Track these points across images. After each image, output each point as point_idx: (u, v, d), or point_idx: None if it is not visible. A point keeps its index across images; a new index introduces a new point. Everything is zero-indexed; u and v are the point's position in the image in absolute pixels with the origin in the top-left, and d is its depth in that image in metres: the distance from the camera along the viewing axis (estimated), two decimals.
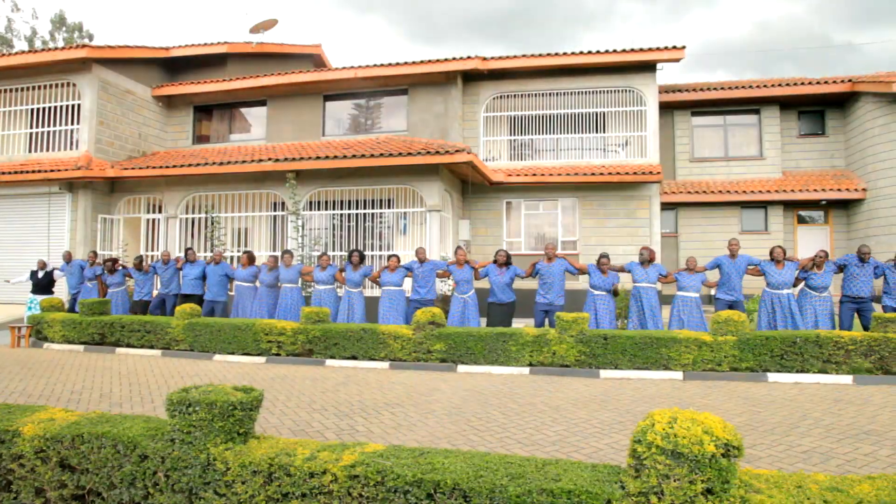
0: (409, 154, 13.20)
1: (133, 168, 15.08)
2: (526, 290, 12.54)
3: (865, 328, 9.43)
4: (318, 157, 13.76)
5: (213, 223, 14.87)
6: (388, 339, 9.36)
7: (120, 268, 12.62)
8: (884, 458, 4.79)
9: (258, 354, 9.94)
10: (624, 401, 6.89)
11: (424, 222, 14.22)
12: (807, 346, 8.15)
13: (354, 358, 9.53)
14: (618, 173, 15.55)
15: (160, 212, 15.94)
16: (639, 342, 8.50)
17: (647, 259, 9.95)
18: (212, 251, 13.92)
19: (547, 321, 10.23)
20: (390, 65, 16.18)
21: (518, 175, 16.11)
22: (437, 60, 16.05)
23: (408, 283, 11.24)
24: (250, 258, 11.77)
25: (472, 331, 9.15)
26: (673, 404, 6.69)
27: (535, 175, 15.98)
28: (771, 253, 9.70)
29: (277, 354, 9.85)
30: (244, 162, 14.23)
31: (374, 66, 16.28)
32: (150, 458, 3.50)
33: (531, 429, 5.67)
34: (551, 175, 15.87)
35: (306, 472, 3.16)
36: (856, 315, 9.68)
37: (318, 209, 15.10)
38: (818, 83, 18.61)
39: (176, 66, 18.63)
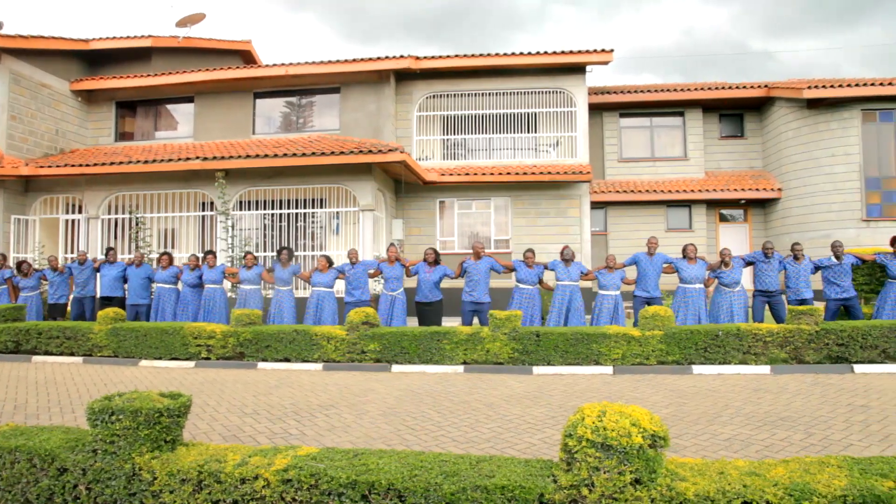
0: (342, 153, 13.09)
1: (50, 166, 14.37)
2: (453, 288, 12.63)
3: (778, 320, 9.93)
4: (247, 156, 13.47)
5: (137, 224, 14.34)
6: (321, 340, 9.26)
7: (35, 271, 12.00)
8: (797, 442, 5.06)
9: (187, 359, 9.65)
10: (556, 396, 7.03)
11: (357, 222, 14.13)
12: (728, 339, 8.52)
13: (287, 360, 9.38)
14: (549, 173, 15.84)
15: (80, 212, 15.25)
16: (570, 338, 8.70)
17: (569, 258, 10.17)
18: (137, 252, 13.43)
19: (476, 319, 10.36)
20: (322, 62, 15.99)
21: (451, 174, 16.20)
22: (370, 59, 15.96)
23: (339, 285, 11.15)
24: (170, 259, 11.40)
25: (406, 330, 9.16)
26: (604, 398, 6.88)
27: (468, 174, 16.11)
28: (684, 250, 10.09)
29: (207, 358, 9.60)
30: (170, 160, 13.78)
31: (306, 63, 16.06)
32: (70, 471, 3.36)
33: (466, 427, 5.73)
34: (484, 174, 16.03)
35: (237, 479, 3.11)
36: (767, 307, 10.18)
37: (249, 209, 14.78)
38: (737, 88, 19.49)
39: (96, 59, 17.85)
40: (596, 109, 19.71)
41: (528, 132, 17.29)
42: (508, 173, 15.96)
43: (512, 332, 8.84)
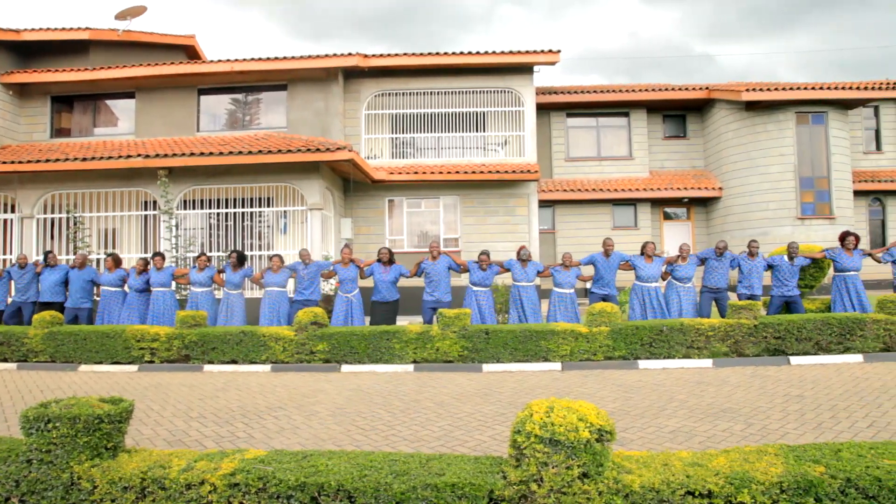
0: (289, 151, 12.91)
1: None
2: (413, 287, 12.63)
3: (723, 315, 10.23)
4: (192, 154, 13.15)
5: (75, 224, 13.83)
6: (269, 341, 9.12)
7: None
8: (738, 432, 5.23)
9: (130, 363, 9.37)
10: (506, 393, 7.09)
11: (305, 221, 13.97)
12: (672, 334, 8.74)
13: (234, 362, 9.21)
14: (497, 172, 15.97)
15: (13, 211, 14.63)
16: (519, 335, 8.79)
17: (526, 258, 10.27)
18: (75, 254, 12.95)
19: (436, 319, 10.36)
20: (269, 59, 15.74)
21: (400, 173, 16.17)
22: (318, 56, 15.80)
23: (290, 284, 11.00)
24: (116, 261, 11.01)
25: (356, 330, 9.10)
26: (552, 394, 6.97)
27: (416, 173, 16.11)
28: (643, 248, 10.31)
29: (151, 362, 9.34)
30: (110, 158, 13.34)
31: (252, 59, 15.78)
32: (2, 483, 3.22)
33: (416, 425, 5.73)
34: (433, 173, 16.05)
35: (182, 484, 3.04)
36: (714, 303, 10.49)
37: (194, 208, 14.43)
38: (680, 89, 20.02)
39: (30, 51, 17.15)
40: (543, 109, 19.97)
41: (477, 131, 17.40)
42: (457, 172, 16.02)
43: (461, 330, 8.88)
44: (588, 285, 10.56)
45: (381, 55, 16.34)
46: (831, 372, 7.81)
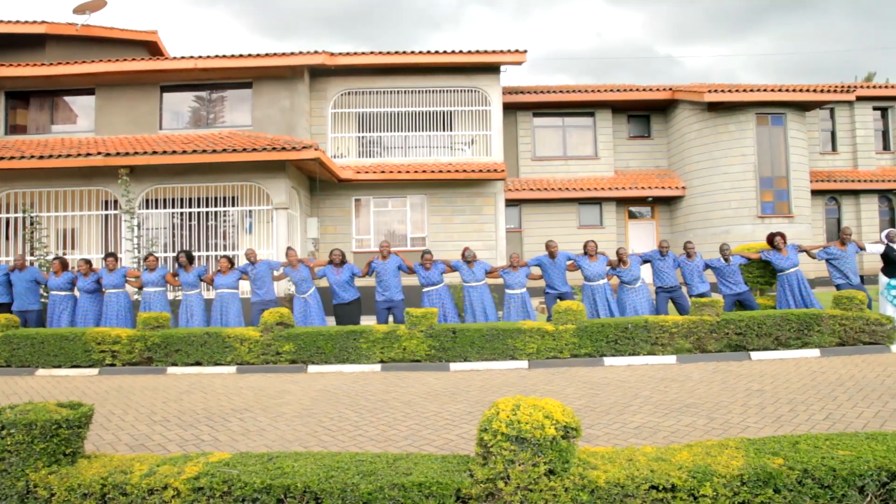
0: (254, 150, 12.76)
1: None
2: (372, 287, 12.59)
3: (682, 312, 10.41)
4: (154, 152, 12.90)
5: (32, 224, 13.46)
6: (234, 342, 9.01)
7: None
8: (701, 427, 5.33)
9: (90, 366, 9.16)
10: (473, 392, 7.12)
11: (271, 220, 13.82)
12: (637, 331, 8.86)
13: (199, 364, 9.07)
14: (464, 171, 16.00)
15: None
16: (486, 334, 8.82)
17: (470, 259, 10.30)
18: (32, 254, 12.62)
19: (391, 318, 10.37)
20: (233, 56, 15.52)
21: (367, 172, 16.10)
22: (283, 54, 15.63)
23: (246, 286, 10.90)
24: (63, 264, 10.67)
25: (322, 330, 9.04)
26: (519, 392, 7.02)
27: (383, 172, 16.06)
28: (585, 247, 10.43)
29: (112, 365, 9.14)
30: (69, 156, 13.01)
31: (217, 56, 15.54)
32: None
33: (384, 425, 5.71)
34: (400, 172, 16.02)
35: (144, 490, 2.98)
36: (670, 302, 10.66)
37: (156, 207, 14.17)
38: (644, 90, 20.31)
39: None
40: (510, 109, 20.06)
41: (444, 130, 17.41)
42: (424, 171, 16.01)
43: (429, 329, 8.88)
44: (542, 282, 10.65)
45: (348, 53, 16.24)
46: (790, 366, 8.01)
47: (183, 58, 15.64)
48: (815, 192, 20.24)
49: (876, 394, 6.32)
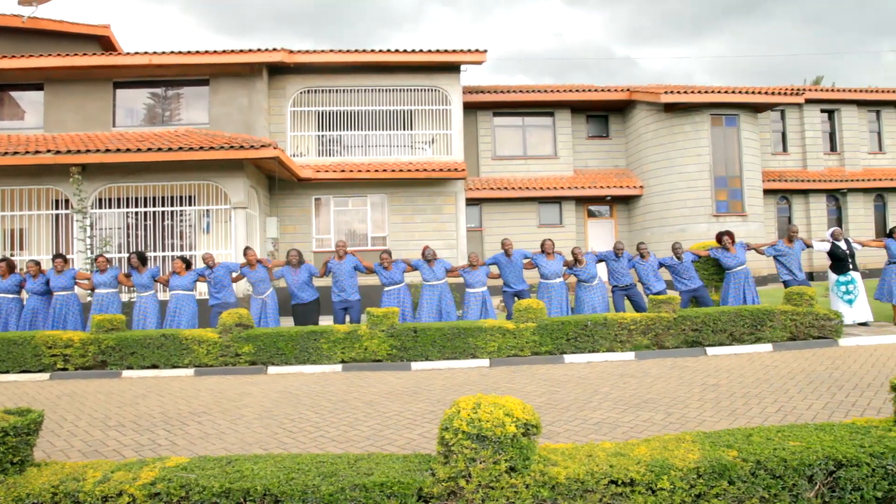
0: (212, 148, 12.54)
1: None
2: (330, 288, 12.50)
3: (639, 309, 10.59)
4: (107, 150, 12.57)
5: None
6: (192, 344, 8.84)
7: None
8: (659, 422, 5.43)
9: (40, 371, 8.88)
10: (435, 391, 7.12)
11: (229, 220, 13.60)
12: (597, 329, 8.98)
13: (155, 367, 8.88)
14: (425, 170, 15.99)
15: None
16: (447, 333, 8.84)
17: (431, 258, 10.33)
18: None
19: (348, 318, 10.33)
20: (190, 53, 15.22)
21: (327, 171, 15.98)
22: (241, 51, 15.40)
23: (203, 287, 10.71)
24: (10, 266, 10.33)
25: (282, 331, 8.94)
26: (480, 390, 7.05)
27: (344, 171, 15.96)
28: (542, 246, 10.54)
29: (64, 369, 8.88)
30: (16, 153, 12.59)
31: (172, 53, 15.22)
32: None
33: (345, 426, 5.68)
34: (360, 171, 15.94)
35: (98, 497, 2.91)
36: (626, 300, 10.85)
37: (110, 207, 13.80)
38: (603, 91, 20.57)
39: None
40: (470, 108, 20.14)
41: (405, 129, 17.38)
42: (385, 170, 15.96)
43: (390, 328, 8.86)
44: (500, 281, 10.74)
45: (307, 51, 16.08)
46: (744, 361, 8.21)
47: (137, 53, 15.28)
48: (767, 192, 20.81)
49: (825, 386, 6.53)
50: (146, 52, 15.19)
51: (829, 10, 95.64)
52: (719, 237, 10.80)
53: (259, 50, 15.44)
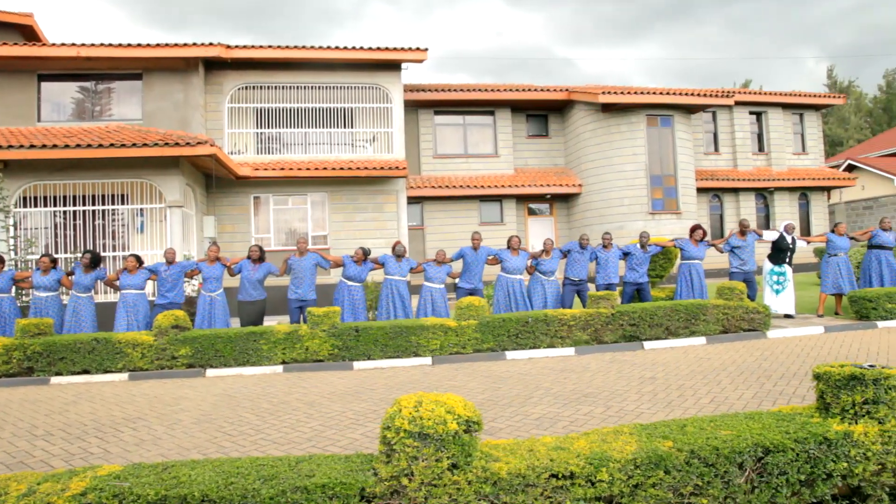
0: (145, 145, 12.14)
1: None
2: (281, 287, 12.30)
3: (585, 306, 10.79)
4: (31, 146, 12.02)
5: None
6: (125, 347, 8.54)
7: None
8: (598, 415, 5.54)
9: None
10: (378, 390, 7.09)
11: (165, 219, 13.20)
12: (537, 325, 9.11)
13: (87, 372, 8.54)
14: (366, 168, 15.90)
15: None
16: (389, 332, 8.81)
17: (401, 253, 10.32)
18: None
19: (302, 317, 10.19)
20: (121, 45, 14.68)
21: (266, 169, 15.69)
22: (176, 45, 14.95)
23: (150, 287, 10.35)
24: None
25: (220, 332, 8.74)
26: (424, 389, 7.05)
27: (283, 169, 15.70)
28: (508, 242, 10.67)
29: None
30: None
31: (102, 45, 14.65)
32: None
33: (286, 427, 5.60)
34: (300, 169, 15.71)
35: None
36: (576, 295, 11.04)
37: (35, 206, 13.19)
38: (542, 90, 20.86)
39: None
40: (412, 106, 20.12)
41: (345, 127, 17.23)
42: (325, 168, 15.78)
43: (331, 328, 8.77)
44: (456, 281, 10.79)
45: (245, 46, 15.75)
46: (679, 354, 8.47)
47: (64, 45, 14.64)
48: (700, 190, 21.52)
49: (754, 376, 6.80)
50: (74, 44, 14.58)
51: (754, 17, 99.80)
52: (694, 228, 11.11)
53: (195, 44, 15.03)
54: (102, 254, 12.99)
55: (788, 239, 11.18)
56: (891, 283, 11.07)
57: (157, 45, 14.82)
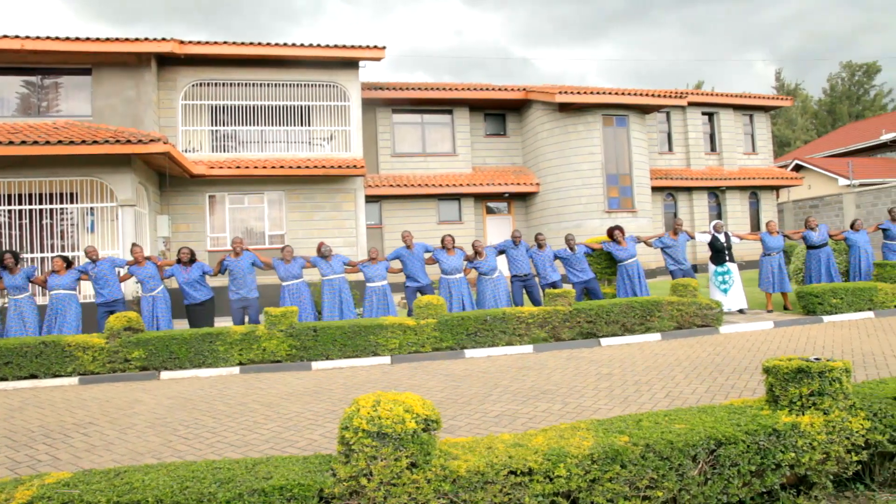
0: (95, 142, 11.80)
1: None
2: (226, 287, 12.10)
3: (535, 302, 10.91)
4: None
5: None
6: (75, 351, 8.30)
7: None
8: (556, 412, 5.61)
9: None
10: (337, 390, 7.05)
11: (116, 218, 12.86)
12: (496, 323, 9.16)
13: (35, 377, 8.27)
14: (323, 167, 15.75)
15: None
16: (348, 331, 8.76)
17: (327, 253, 10.24)
18: None
19: (246, 317, 10.07)
20: (69, 39, 14.23)
21: (221, 167, 15.42)
22: (127, 39, 14.57)
23: (87, 289, 10.09)
24: None
25: (175, 333, 8.56)
26: (382, 388, 7.03)
27: (239, 168, 15.45)
28: (442, 241, 10.68)
29: None
30: None
31: (48, 38, 14.16)
32: None
33: (244, 429, 5.52)
34: (256, 168, 15.48)
35: None
36: (524, 291, 11.13)
37: None
38: (500, 90, 20.99)
39: None
40: (370, 105, 20.02)
41: (302, 125, 17.05)
42: (282, 167, 15.58)
43: (289, 328, 8.68)
44: (405, 282, 10.79)
45: (199, 42, 15.43)
46: (635, 350, 8.63)
47: (7, 37, 14.11)
48: (654, 189, 21.93)
49: (707, 371, 6.96)
50: (17, 37, 14.07)
51: (706, 21, 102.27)
52: (610, 232, 11.28)
53: (147, 39, 14.68)
54: (49, 255, 12.60)
55: (721, 238, 11.47)
56: (831, 279, 11.48)
57: (107, 39, 14.42)
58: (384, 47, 16.43)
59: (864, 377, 6.22)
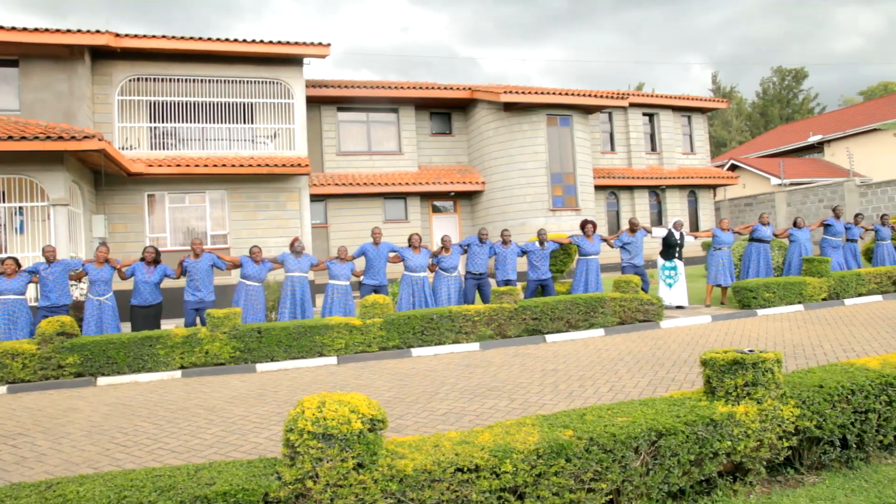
0: (24, 138, 11.30)
1: None
2: (176, 288, 11.79)
3: (486, 300, 10.98)
4: None
5: None
6: (3, 358, 7.90)
7: None
8: (503, 408, 5.65)
9: None
10: (282, 392, 6.94)
11: (48, 219, 12.35)
12: (442, 322, 9.18)
13: None
14: (267, 165, 15.49)
15: None
16: (293, 332, 8.64)
17: (300, 250, 10.14)
18: None
19: (198, 319, 9.81)
20: None
21: (161, 166, 14.98)
22: (58, 31, 13.94)
23: (32, 292, 9.63)
24: None
25: (112, 338, 8.27)
26: (329, 389, 6.96)
27: (179, 166, 15.04)
28: (409, 240, 10.67)
29: None
30: None
31: None
32: None
33: (186, 435, 5.38)
34: (198, 166, 15.10)
35: None
36: (477, 290, 11.21)
37: None
38: (446, 89, 21.03)
39: None
40: (314, 102, 19.79)
41: (245, 123, 16.72)
42: (224, 165, 15.24)
43: (232, 330, 8.50)
44: (361, 279, 10.72)
45: (136, 36, 14.94)
46: (579, 346, 8.77)
47: None
48: (598, 188, 22.36)
49: (649, 365, 7.14)
50: None
51: (645, 24, 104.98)
52: (583, 225, 11.47)
53: (80, 31, 14.11)
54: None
55: (677, 235, 11.87)
56: (766, 273, 11.98)
57: (36, 29, 13.79)
58: (329, 44, 16.25)
59: (795, 367, 6.49)
